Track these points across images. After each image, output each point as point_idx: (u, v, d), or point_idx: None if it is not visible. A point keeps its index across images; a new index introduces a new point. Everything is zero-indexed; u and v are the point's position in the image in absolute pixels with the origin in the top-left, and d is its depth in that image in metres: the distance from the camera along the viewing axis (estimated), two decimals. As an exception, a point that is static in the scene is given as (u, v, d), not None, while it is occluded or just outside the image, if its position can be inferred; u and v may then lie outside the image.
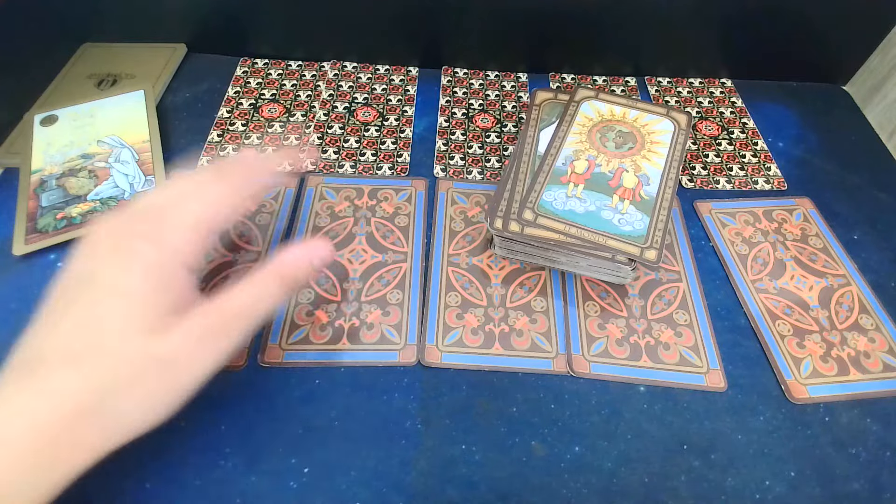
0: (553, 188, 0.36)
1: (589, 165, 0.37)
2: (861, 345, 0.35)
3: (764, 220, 0.42)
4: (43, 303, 0.26)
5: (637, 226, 0.34)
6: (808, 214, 0.42)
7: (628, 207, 0.35)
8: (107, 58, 0.51)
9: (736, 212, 0.42)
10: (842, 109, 0.52)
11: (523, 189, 0.36)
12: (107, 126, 0.43)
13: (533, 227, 0.34)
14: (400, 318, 0.35)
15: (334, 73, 0.52)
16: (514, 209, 0.35)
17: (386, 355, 0.33)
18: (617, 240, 0.34)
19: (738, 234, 0.41)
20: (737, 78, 0.54)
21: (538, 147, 0.39)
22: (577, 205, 0.35)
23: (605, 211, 0.35)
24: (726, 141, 0.48)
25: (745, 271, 0.39)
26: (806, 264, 0.39)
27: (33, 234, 0.37)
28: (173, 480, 0.29)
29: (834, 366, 0.34)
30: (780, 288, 0.38)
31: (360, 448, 0.30)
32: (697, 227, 0.41)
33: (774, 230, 0.41)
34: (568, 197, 0.36)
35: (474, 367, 0.33)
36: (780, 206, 0.43)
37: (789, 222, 0.42)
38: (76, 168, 0.40)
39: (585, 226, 0.34)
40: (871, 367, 0.34)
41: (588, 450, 0.31)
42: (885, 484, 0.30)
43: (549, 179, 0.37)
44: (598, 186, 0.36)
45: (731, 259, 0.39)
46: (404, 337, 0.34)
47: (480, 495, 0.29)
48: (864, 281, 0.38)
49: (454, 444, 0.30)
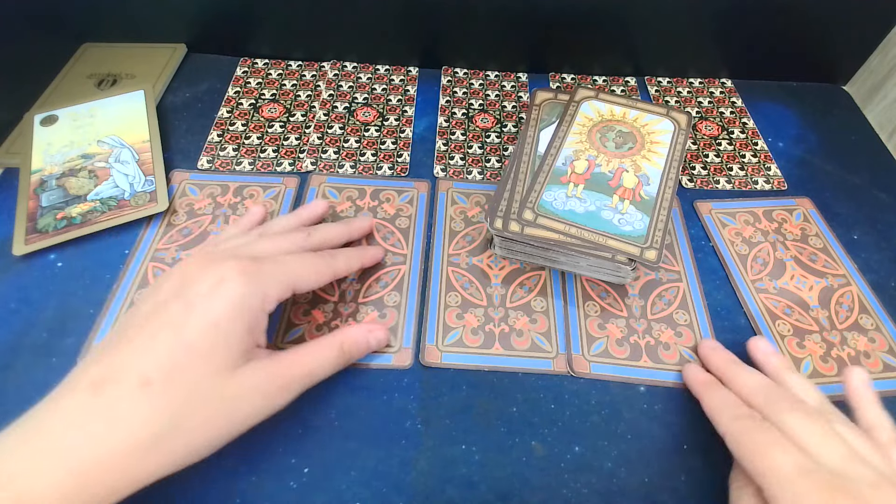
0: (553, 188, 0.36)
1: (589, 165, 0.37)
2: (861, 345, 0.35)
3: (764, 220, 0.42)
4: (126, 314, 0.26)
5: (637, 226, 0.34)
6: (808, 214, 0.42)
7: (628, 207, 0.35)
8: (107, 58, 0.51)
9: (736, 212, 0.42)
10: (842, 109, 0.52)
11: (523, 189, 0.36)
12: (107, 126, 0.43)
13: (533, 227, 0.34)
14: (397, 321, 0.35)
15: (334, 73, 0.52)
16: (514, 209, 0.35)
17: (381, 357, 0.33)
18: (617, 240, 0.34)
19: (738, 234, 0.41)
20: (737, 78, 0.54)
21: (538, 147, 0.39)
22: (577, 205, 0.35)
23: (605, 211, 0.35)
24: (726, 141, 0.48)
25: (745, 271, 0.39)
26: (806, 264, 0.39)
27: (33, 234, 0.37)
28: (173, 480, 0.29)
29: (834, 366, 0.34)
30: (780, 288, 0.38)
31: (360, 448, 0.30)
32: (697, 227, 0.41)
33: (774, 230, 0.41)
34: (568, 197, 0.35)
35: (474, 368, 0.33)
36: (781, 206, 0.43)
37: (789, 222, 0.42)
38: (76, 168, 0.40)
39: (585, 226, 0.34)
40: (871, 367, 0.34)
41: (588, 450, 0.31)
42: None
43: (549, 179, 0.36)
44: (598, 186, 0.36)
45: (731, 259, 0.39)
46: (400, 340, 0.34)
47: (480, 495, 0.29)
48: (864, 281, 0.38)
49: (454, 444, 0.30)
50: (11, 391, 0.31)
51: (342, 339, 0.31)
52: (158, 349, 0.24)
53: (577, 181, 0.36)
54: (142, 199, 0.39)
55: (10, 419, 0.30)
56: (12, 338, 0.33)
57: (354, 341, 0.31)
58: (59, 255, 0.37)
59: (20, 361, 0.32)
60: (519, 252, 0.36)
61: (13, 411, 0.30)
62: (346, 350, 0.30)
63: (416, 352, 0.34)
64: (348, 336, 0.31)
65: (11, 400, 0.31)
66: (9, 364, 0.32)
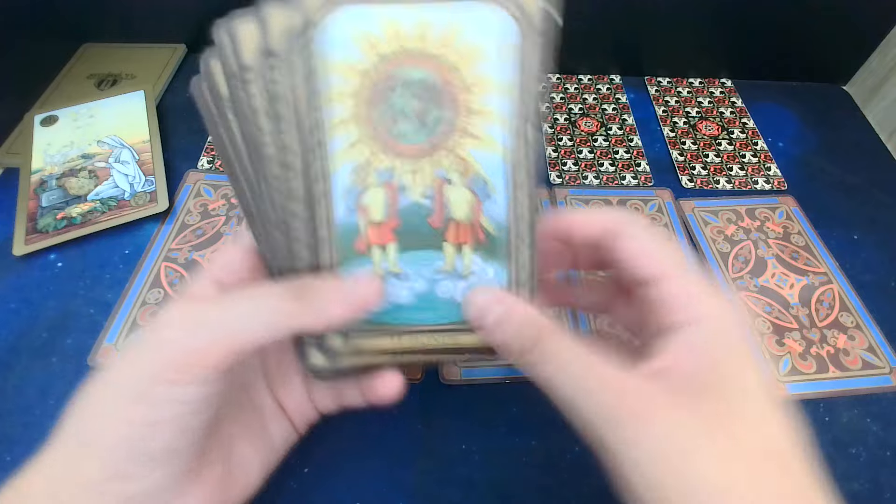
0: (350, 268, 0.21)
1: (389, 196, 0.21)
2: (841, 342, 0.35)
3: (746, 218, 0.42)
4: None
5: (493, 286, 0.22)
6: (790, 212, 0.42)
7: (471, 260, 0.22)
8: (107, 58, 0.51)
9: (719, 210, 0.42)
10: (842, 109, 0.52)
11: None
12: (107, 126, 0.43)
13: (349, 357, 0.22)
14: None
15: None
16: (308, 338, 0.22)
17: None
18: (470, 331, 0.22)
19: (720, 231, 0.41)
20: (737, 78, 0.54)
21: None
22: (398, 291, 0.22)
23: (442, 283, 0.22)
24: (726, 141, 0.48)
25: (725, 269, 0.38)
26: (787, 262, 0.39)
27: (33, 234, 0.37)
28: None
29: (813, 363, 0.34)
30: (760, 286, 0.38)
31: (360, 448, 0.30)
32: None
33: (757, 228, 0.41)
34: (380, 280, 0.21)
35: (497, 381, 0.32)
36: (763, 204, 0.43)
37: (772, 220, 0.42)
38: (76, 168, 0.40)
39: (423, 324, 0.22)
40: (850, 364, 0.34)
41: (588, 450, 0.31)
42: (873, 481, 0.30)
43: (336, 254, 0.21)
44: (416, 238, 0.21)
45: (713, 257, 0.39)
46: None
47: (480, 495, 0.29)
48: (846, 279, 0.38)
49: (454, 444, 0.30)
50: (11, 391, 0.31)
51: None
52: None
53: (380, 240, 0.21)
54: (142, 200, 0.39)
55: (10, 419, 0.30)
56: (12, 338, 0.33)
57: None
58: (59, 255, 0.37)
59: (20, 361, 0.32)
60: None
61: (13, 411, 0.30)
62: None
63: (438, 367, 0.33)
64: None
65: (11, 400, 0.31)
66: (9, 364, 0.32)
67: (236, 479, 0.23)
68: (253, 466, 0.24)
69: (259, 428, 0.25)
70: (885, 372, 0.34)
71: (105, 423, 0.19)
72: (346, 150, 0.20)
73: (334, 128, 0.20)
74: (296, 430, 0.26)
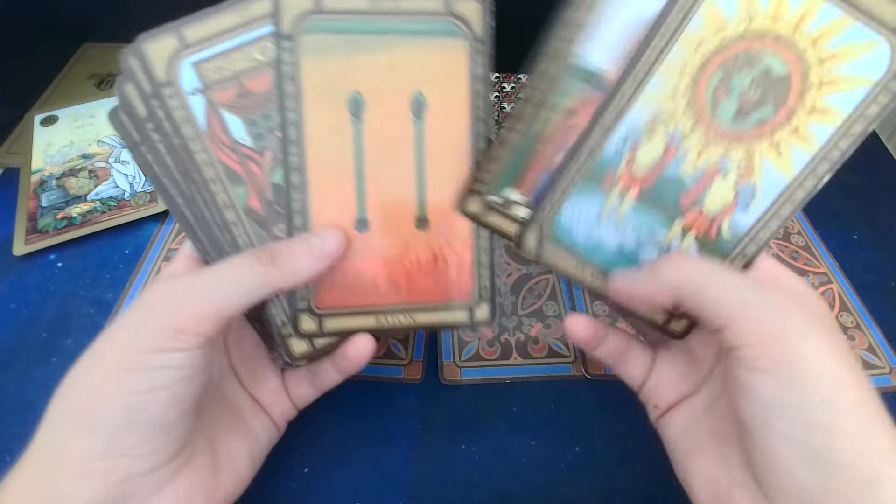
0: (584, 195, 0.22)
1: (664, 154, 0.21)
2: None
3: None
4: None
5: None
6: None
7: (689, 247, 0.22)
8: (107, 58, 0.51)
9: None
10: (842, 109, 0.52)
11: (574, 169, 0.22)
12: (107, 126, 0.43)
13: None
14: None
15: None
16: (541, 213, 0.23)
17: (390, 370, 0.33)
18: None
19: None
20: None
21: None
22: (609, 234, 0.22)
23: (647, 249, 0.22)
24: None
25: None
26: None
27: (33, 234, 0.37)
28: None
29: None
30: None
31: (360, 448, 0.30)
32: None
33: None
34: (600, 217, 0.22)
35: (497, 381, 0.32)
36: None
37: None
38: (76, 168, 0.40)
39: (609, 271, 0.23)
40: None
41: (588, 450, 0.31)
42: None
43: (582, 176, 0.22)
44: (658, 201, 0.22)
45: None
46: (410, 352, 0.33)
47: (480, 495, 0.29)
48: (846, 279, 0.38)
49: (454, 444, 0.30)
50: (11, 391, 0.31)
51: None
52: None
53: (629, 186, 0.22)
54: (142, 199, 0.39)
55: (10, 419, 0.30)
56: (12, 338, 0.33)
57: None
58: (59, 255, 0.37)
59: (20, 361, 0.32)
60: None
61: (13, 411, 0.30)
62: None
63: (426, 366, 0.33)
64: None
65: (11, 400, 0.31)
66: (9, 364, 0.32)
67: (224, 467, 0.23)
68: (241, 455, 0.24)
69: (241, 423, 0.25)
70: (885, 372, 0.34)
71: (97, 396, 0.19)
72: (658, 94, 0.21)
73: (657, 77, 0.20)
74: (276, 426, 0.27)
